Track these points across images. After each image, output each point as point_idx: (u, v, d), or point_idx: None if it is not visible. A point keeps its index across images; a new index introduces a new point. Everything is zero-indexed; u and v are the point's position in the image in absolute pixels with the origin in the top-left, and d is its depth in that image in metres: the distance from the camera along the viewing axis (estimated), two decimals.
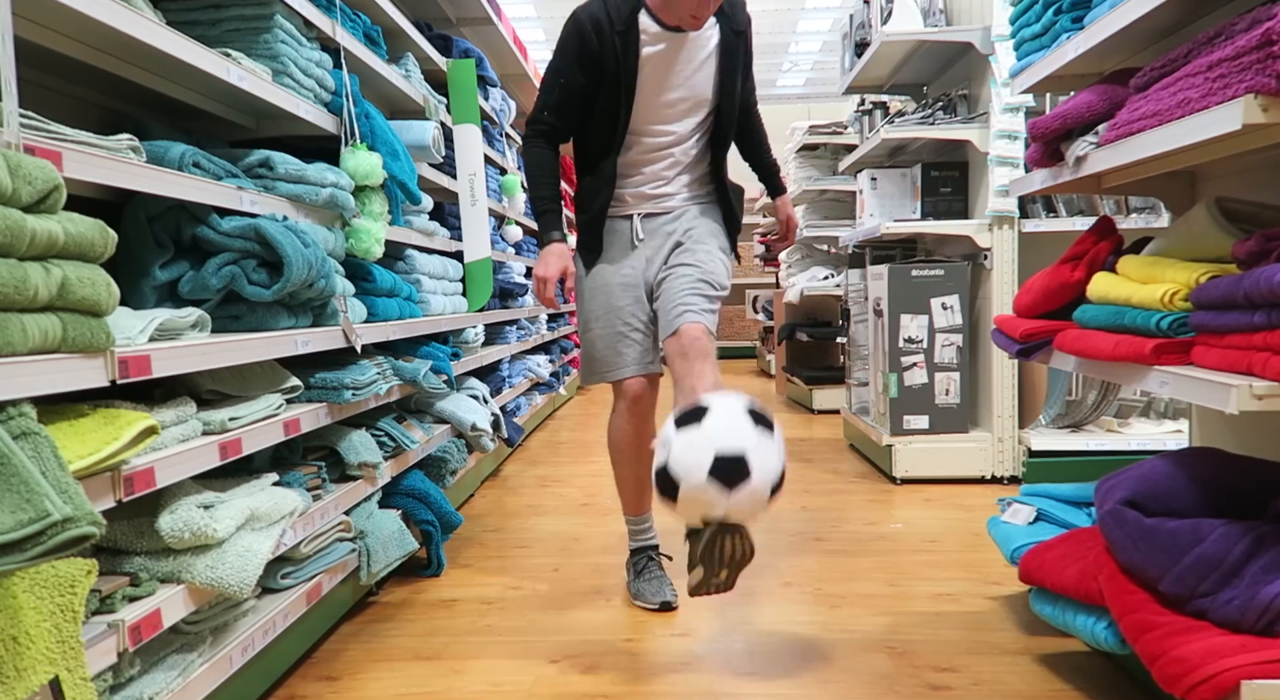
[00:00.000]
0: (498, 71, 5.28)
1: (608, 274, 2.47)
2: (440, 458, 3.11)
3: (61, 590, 1.20)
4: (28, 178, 1.18)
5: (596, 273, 2.48)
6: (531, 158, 2.45)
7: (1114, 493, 1.75)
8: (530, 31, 10.21)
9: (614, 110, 2.35)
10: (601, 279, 2.47)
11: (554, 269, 2.38)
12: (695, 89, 2.39)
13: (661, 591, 2.46)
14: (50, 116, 1.48)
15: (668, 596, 2.43)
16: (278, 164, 2.15)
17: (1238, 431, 2.16)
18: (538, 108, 2.43)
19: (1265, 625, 1.45)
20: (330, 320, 2.23)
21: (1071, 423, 3.69)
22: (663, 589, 2.47)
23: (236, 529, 1.67)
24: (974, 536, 3.05)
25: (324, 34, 2.43)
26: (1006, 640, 2.18)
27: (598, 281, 2.47)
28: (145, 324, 1.54)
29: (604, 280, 2.46)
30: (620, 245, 2.48)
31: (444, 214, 3.63)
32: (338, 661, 2.16)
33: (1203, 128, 1.46)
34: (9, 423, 1.14)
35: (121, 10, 1.56)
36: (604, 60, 2.31)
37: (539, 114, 2.43)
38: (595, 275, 2.48)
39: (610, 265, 2.47)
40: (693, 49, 2.36)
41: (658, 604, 2.42)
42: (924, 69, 4.40)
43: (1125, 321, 1.74)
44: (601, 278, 2.47)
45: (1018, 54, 2.36)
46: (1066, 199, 3.73)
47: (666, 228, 2.47)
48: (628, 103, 2.35)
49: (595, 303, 2.47)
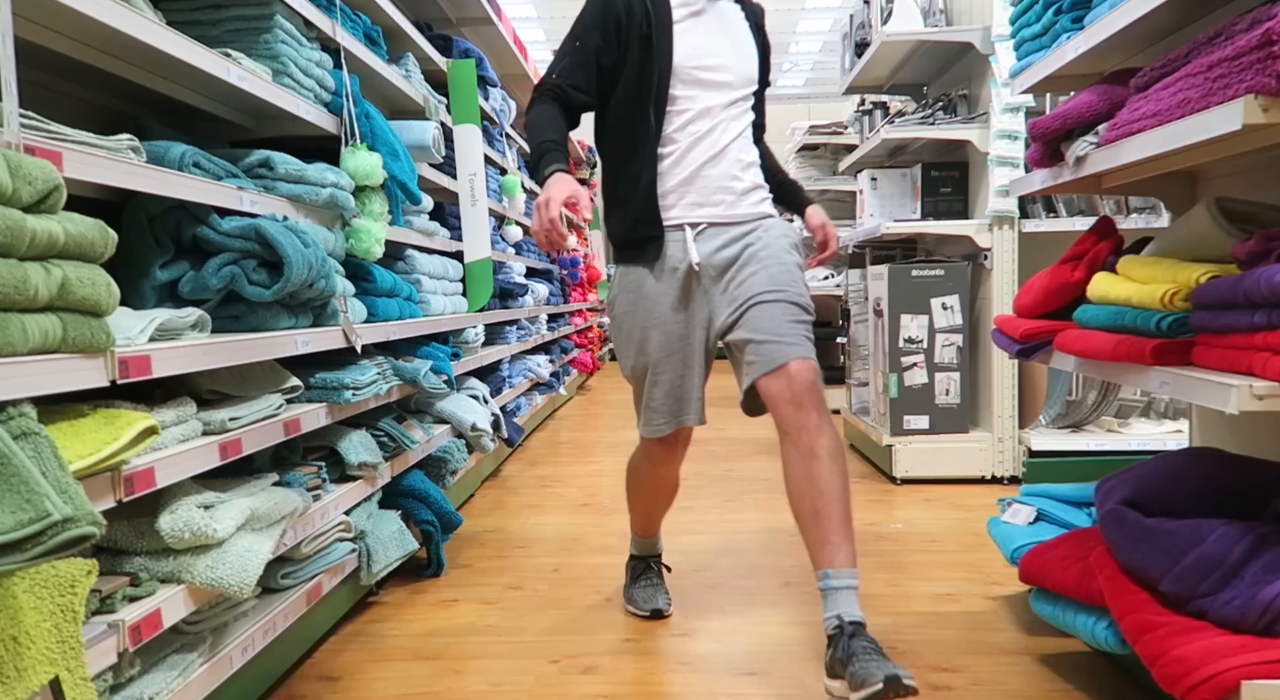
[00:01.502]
0: (498, 71, 5.28)
1: (659, 297, 2.10)
2: (440, 458, 3.11)
3: (62, 590, 1.20)
4: (28, 178, 1.18)
5: (644, 295, 2.11)
6: (535, 114, 2.10)
7: (1114, 493, 1.75)
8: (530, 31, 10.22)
9: (646, 80, 2.06)
10: (652, 306, 2.11)
11: (558, 190, 1.91)
12: (739, 59, 2.13)
13: (654, 598, 2.40)
14: (50, 116, 1.48)
15: (660, 604, 2.38)
16: (278, 164, 2.15)
17: (1238, 431, 2.16)
18: (545, 76, 2.15)
19: (1265, 625, 1.45)
20: (330, 320, 2.23)
21: (1071, 423, 3.69)
22: (656, 597, 2.41)
23: (236, 529, 1.67)
24: (974, 536, 3.05)
25: (324, 34, 2.43)
26: (1006, 640, 2.18)
27: (647, 309, 2.11)
28: (145, 324, 1.54)
29: (656, 307, 2.10)
30: (671, 270, 2.11)
31: (444, 214, 3.63)
32: (338, 661, 2.16)
33: (1203, 128, 1.46)
34: (9, 423, 1.14)
35: (121, 10, 1.56)
36: (632, 23, 2.06)
37: (546, 79, 2.14)
38: (643, 299, 2.12)
39: (660, 286, 2.10)
40: (732, 20, 2.15)
41: (648, 611, 2.38)
42: (924, 69, 4.40)
43: (1125, 321, 1.74)
44: (652, 303, 2.11)
45: (1018, 54, 2.36)
46: (1066, 199, 3.73)
47: (727, 249, 2.10)
48: (664, 67, 2.05)
49: (649, 336, 2.12)
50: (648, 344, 2.13)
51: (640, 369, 2.16)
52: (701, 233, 2.10)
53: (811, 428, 1.94)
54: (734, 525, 3.28)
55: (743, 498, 3.70)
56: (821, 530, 1.93)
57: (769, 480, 3.99)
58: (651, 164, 2.08)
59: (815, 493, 1.93)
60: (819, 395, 1.97)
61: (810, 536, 1.95)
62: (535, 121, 2.09)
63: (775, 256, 2.08)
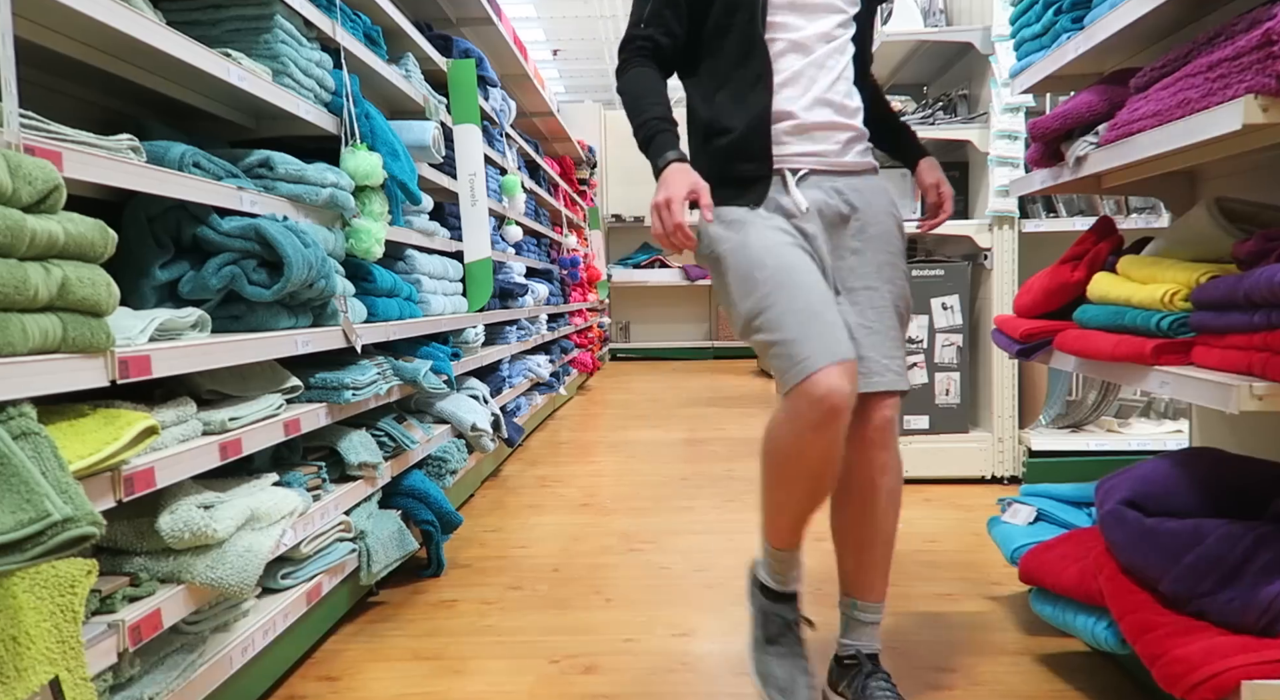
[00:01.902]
0: (498, 71, 5.28)
1: (773, 236, 1.70)
2: (440, 458, 3.11)
3: (62, 590, 1.20)
4: (28, 178, 1.18)
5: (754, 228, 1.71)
6: (630, 80, 1.78)
7: (1114, 493, 1.75)
8: (530, 31, 10.21)
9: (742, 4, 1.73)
10: (764, 239, 1.70)
11: (678, 186, 1.61)
12: None
13: (794, 685, 1.78)
14: (50, 116, 1.48)
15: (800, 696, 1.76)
16: (278, 164, 2.15)
17: (1238, 431, 2.16)
18: (630, 28, 1.82)
19: (1265, 625, 1.45)
20: (330, 320, 2.23)
21: (1071, 423, 3.69)
22: (796, 683, 1.78)
23: (236, 529, 1.67)
24: (974, 536, 3.05)
25: (324, 34, 2.43)
26: (1006, 640, 2.18)
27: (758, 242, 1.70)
28: (145, 324, 1.54)
29: (769, 240, 1.70)
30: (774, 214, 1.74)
31: (444, 214, 3.63)
32: (338, 661, 2.16)
33: (1203, 128, 1.46)
34: (9, 423, 1.14)
35: (121, 10, 1.56)
36: None
37: (633, 31, 1.81)
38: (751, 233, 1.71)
39: (772, 225, 1.72)
40: None
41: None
42: (924, 69, 4.40)
43: (1125, 321, 1.74)
44: (763, 237, 1.70)
45: (1018, 54, 2.36)
46: (1066, 199, 3.73)
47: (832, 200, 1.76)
48: None
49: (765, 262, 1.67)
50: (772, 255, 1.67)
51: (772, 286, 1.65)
52: (804, 179, 1.76)
53: (878, 466, 1.74)
54: (734, 525, 3.28)
55: (743, 498, 3.69)
56: (862, 564, 1.81)
57: None
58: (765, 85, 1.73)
59: (866, 530, 1.79)
60: (894, 432, 1.76)
61: (847, 564, 1.83)
62: (633, 90, 1.78)
63: (886, 239, 1.80)
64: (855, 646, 1.84)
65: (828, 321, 1.62)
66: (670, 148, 1.68)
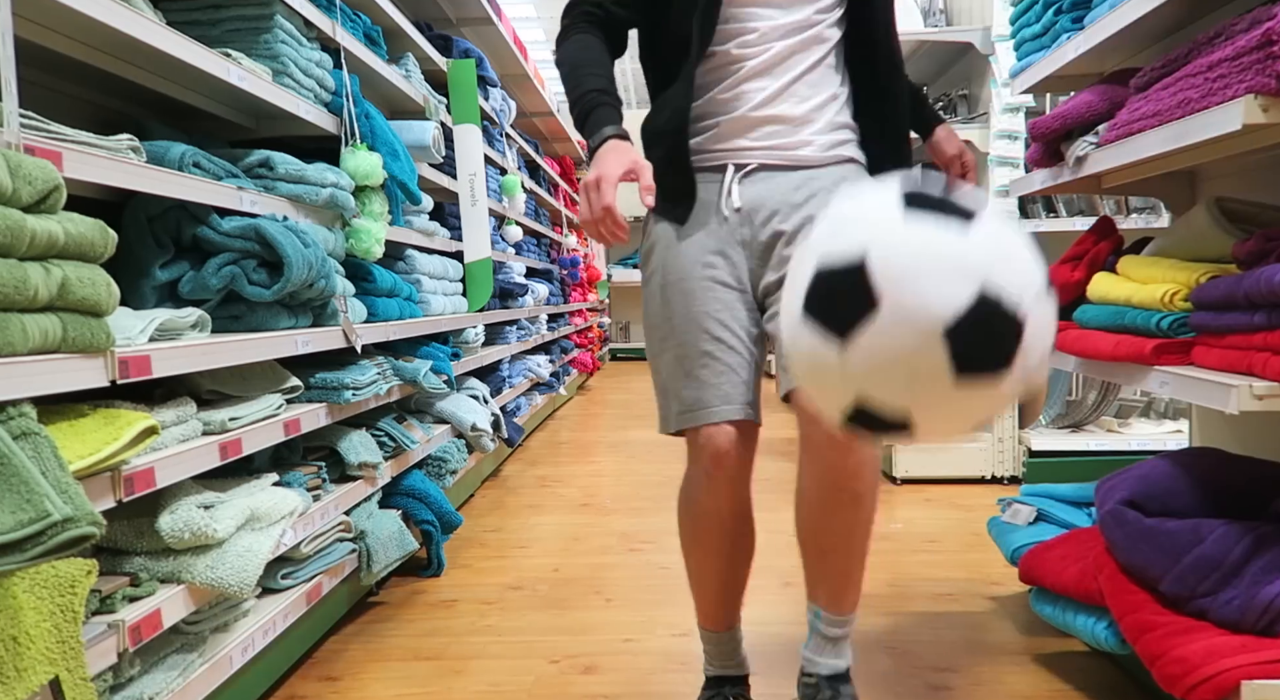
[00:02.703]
0: (498, 71, 5.28)
1: (688, 260, 1.59)
2: (440, 458, 3.11)
3: (61, 590, 1.20)
4: (28, 178, 1.18)
5: (671, 255, 1.60)
6: (567, 49, 1.60)
7: (1114, 493, 1.75)
8: (530, 31, 10.22)
9: None
10: (678, 268, 1.59)
11: (611, 165, 1.43)
12: None
13: None
14: (50, 116, 1.48)
15: None
16: (278, 164, 2.15)
17: (1238, 431, 2.16)
18: None
19: (1265, 625, 1.45)
20: (330, 320, 2.23)
21: (1071, 423, 3.69)
22: None
23: (236, 529, 1.67)
24: (974, 536, 3.05)
25: (324, 34, 2.43)
26: (1006, 640, 2.18)
27: (672, 271, 1.60)
28: (145, 324, 1.54)
29: (681, 270, 1.59)
30: (707, 221, 1.59)
31: (444, 214, 3.63)
32: (338, 661, 2.16)
33: (1203, 128, 1.46)
34: (9, 423, 1.14)
35: (121, 10, 1.56)
36: None
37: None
38: (669, 260, 1.61)
39: (692, 247, 1.59)
40: None
41: None
42: (924, 69, 4.40)
43: (1125, 321, 1.74)
44: (678, 266, 1.59)
45: (1018, 54, 2.36)
46: (1066, 199, 3.73)
47: (790, 199, 1.58)
48: None
49: (670, 305, 1.60)
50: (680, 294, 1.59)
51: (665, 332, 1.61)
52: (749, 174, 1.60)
53: (849, 469, 1.54)
54: None
55: None
56: (825, 573, 1.64)
57: (769, 480, 3.99)
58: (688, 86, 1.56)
59: (829, 537, 1.62)
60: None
61: (812, 571, 1.67)
62: (571, 59, 1.59)
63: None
64: (815, 665, 1.67)
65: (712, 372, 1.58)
66: (608, 123, 1.51)
